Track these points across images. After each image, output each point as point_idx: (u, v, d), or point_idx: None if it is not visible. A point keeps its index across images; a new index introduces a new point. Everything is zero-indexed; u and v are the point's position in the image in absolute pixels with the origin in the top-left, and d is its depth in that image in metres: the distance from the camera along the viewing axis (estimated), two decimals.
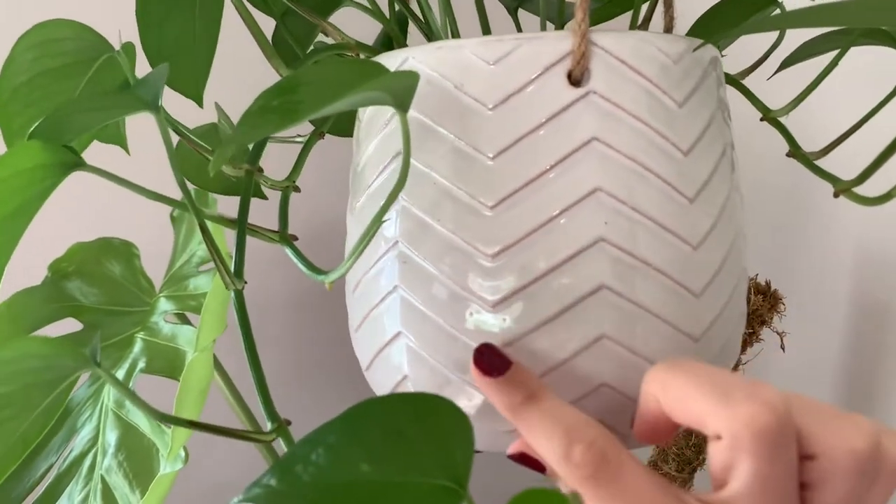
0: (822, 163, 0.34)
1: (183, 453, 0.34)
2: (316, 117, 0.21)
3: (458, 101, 0.28)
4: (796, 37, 0.38)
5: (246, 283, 0.25)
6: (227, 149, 0.19)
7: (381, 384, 0.32)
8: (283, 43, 0.39)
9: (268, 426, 0.23)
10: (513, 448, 0.29)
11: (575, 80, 0.27)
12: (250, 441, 0.23)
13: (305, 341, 0.77)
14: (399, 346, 0.30)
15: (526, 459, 0.28)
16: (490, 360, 0.26)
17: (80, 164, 0.25)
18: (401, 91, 0.21)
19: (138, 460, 0.40)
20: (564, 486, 0.29)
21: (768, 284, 0.55)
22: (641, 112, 0.27)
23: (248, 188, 0.27)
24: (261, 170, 0.28)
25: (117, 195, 0.35)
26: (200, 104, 0.37)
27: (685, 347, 0.28)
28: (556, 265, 0.27)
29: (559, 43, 0.27)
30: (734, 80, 0.37)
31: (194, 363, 0.30)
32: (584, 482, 0.22)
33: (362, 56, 0.32)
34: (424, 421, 0.21)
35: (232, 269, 0.25)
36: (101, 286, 0.49)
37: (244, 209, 0.27)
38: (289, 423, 0.24)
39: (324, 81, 0.22)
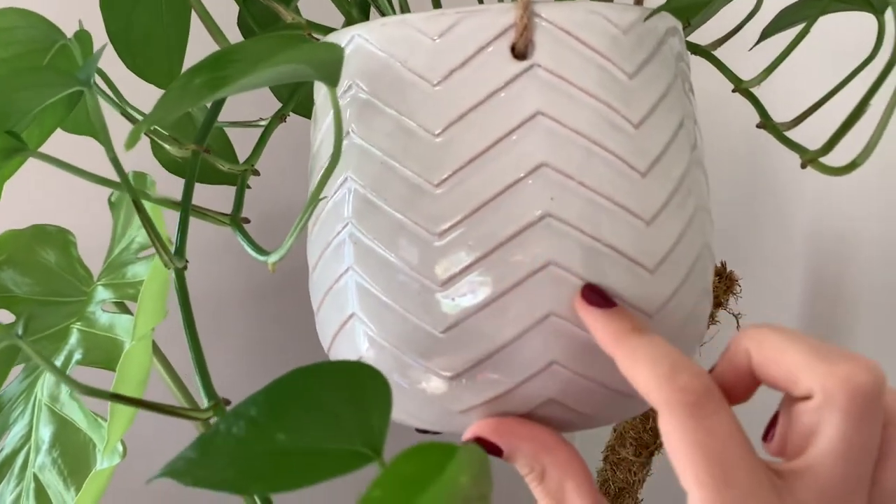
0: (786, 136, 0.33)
1: (120, 447, 0.32)
2: (238, 92, 0.21)
3: (403, 78, 0.27)
4: (766, 13, 0.37)
5: (188, 261, 0.25)
6: (142, 126, 0.19)
7: None
8: (247, 27, 0.39)
9: (205, 404, 0.23)
10: (469, 433, 0.28)
11: (519, 53, 0.27)
12: (187, 419, 0.23)
13: (268, 331, 0.76)
14: (354, 327, 0.29)
15: (482, 444, 0.28)
16: (597, 296, 0.26)
17: (21, 150, 0.25)
18: (324, 64, 0.21)
19: (73, 456, 0.38)
20: (523, 469, 0.28)
21: (724, 266, 0.54)
22: (588, 84, 0.27)
23: (194, 169, 0.27)
24: (207, 151, 0.28)
25: (53, 179, 0.33)
26: None
27: None
28: (501, 242, 0.26)
29: (502, 15, 0.27)
30: (705, 52, 0.37)
31: (131, 352, 0.29)
32: (683, 408, 0.22)
33: (316, 35, 0.32)
34: (343, 389, 0.21)
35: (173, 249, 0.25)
36: (34, 275, 0.46)
37: (188, 190, 0.26)
38: (227, 402, 0.24)
39: (248, 57, 0.22)
